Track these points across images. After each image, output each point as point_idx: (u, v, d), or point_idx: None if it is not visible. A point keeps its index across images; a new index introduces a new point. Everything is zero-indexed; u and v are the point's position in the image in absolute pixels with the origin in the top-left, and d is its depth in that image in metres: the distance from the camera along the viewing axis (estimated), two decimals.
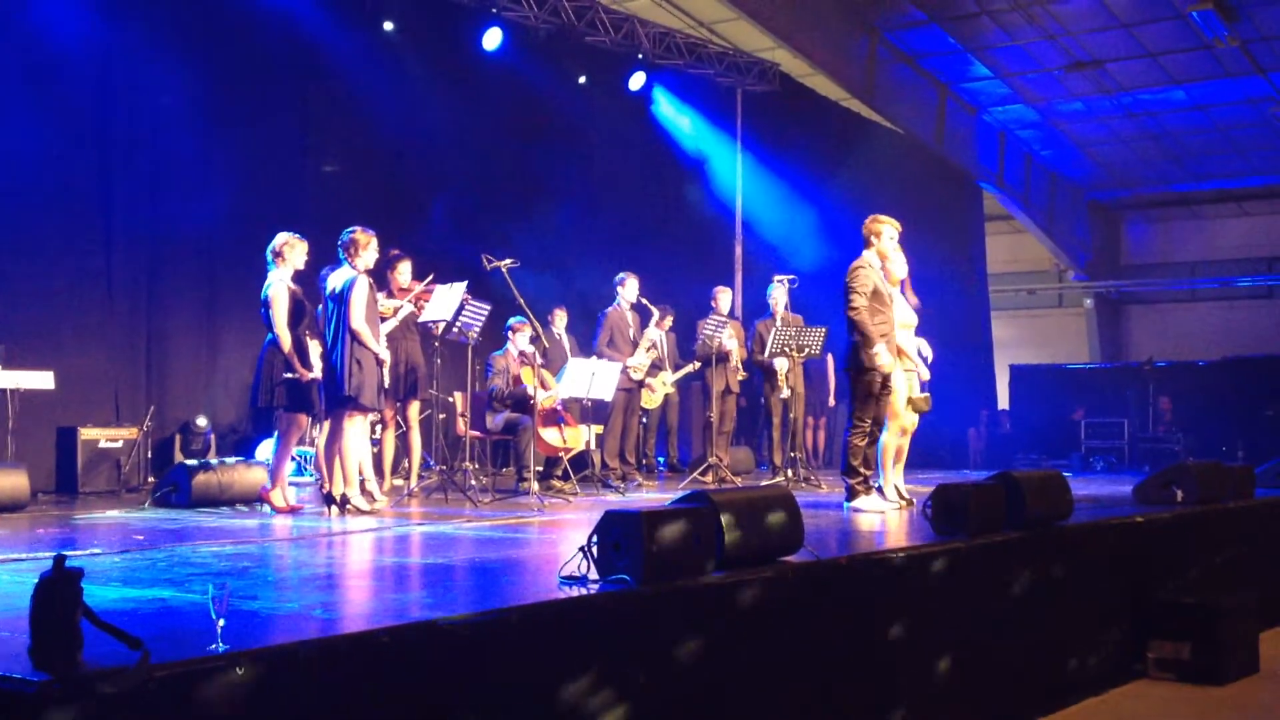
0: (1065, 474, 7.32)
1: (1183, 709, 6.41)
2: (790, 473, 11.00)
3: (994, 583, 6.06)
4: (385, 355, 8.28)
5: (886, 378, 8.25)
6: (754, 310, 15.57)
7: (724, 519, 4.69)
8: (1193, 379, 20.02)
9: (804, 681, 4.75)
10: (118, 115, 10.38)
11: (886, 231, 8.39)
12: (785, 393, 11.05)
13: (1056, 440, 19.24)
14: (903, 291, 8.73)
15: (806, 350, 10.92)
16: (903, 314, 8.56)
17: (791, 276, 11.80)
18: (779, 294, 11.57)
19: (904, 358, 8.57)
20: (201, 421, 10.68)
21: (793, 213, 16.99)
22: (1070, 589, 6.64)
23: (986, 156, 21.74)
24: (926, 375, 8.78)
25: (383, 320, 9.16)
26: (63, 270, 10.00)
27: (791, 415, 11.10)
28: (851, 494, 8.25)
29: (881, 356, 8.08)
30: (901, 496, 8.57)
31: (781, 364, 11.09)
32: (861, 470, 8.24)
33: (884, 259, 8.41)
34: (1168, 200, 25.27)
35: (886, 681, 5.22)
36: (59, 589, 2.83)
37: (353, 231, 8.17)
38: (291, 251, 8.02)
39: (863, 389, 8.22)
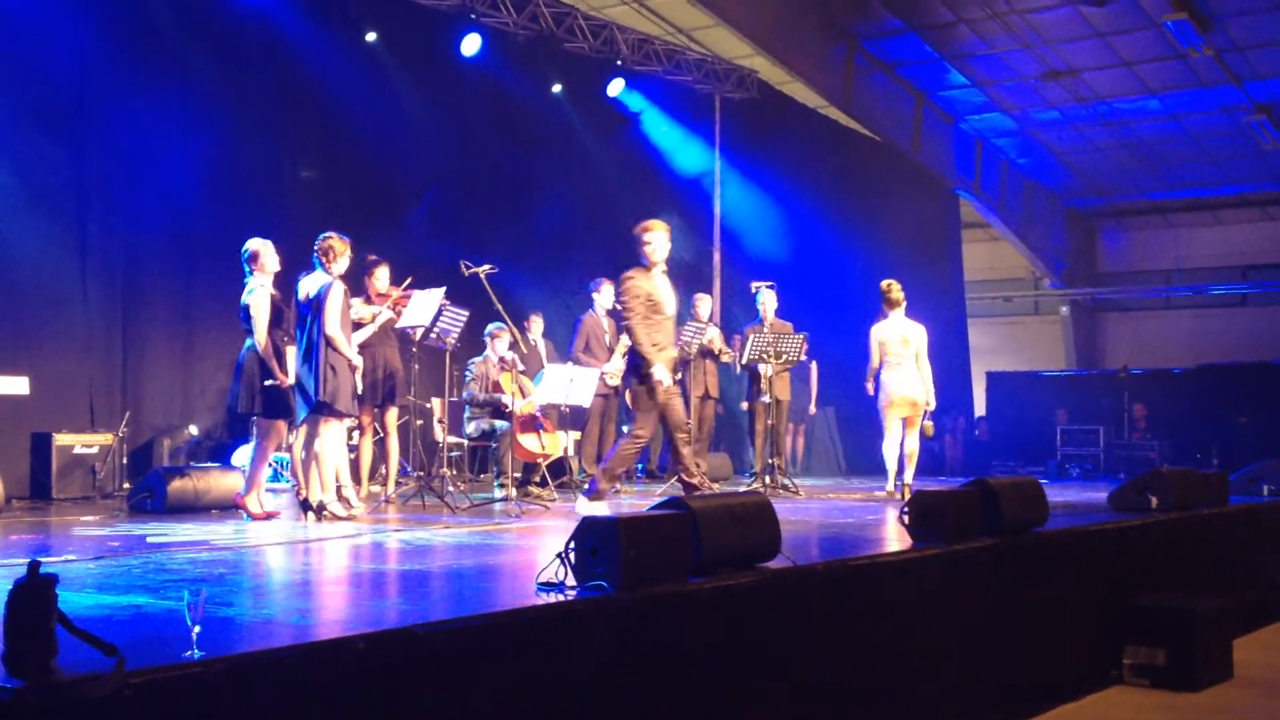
0: (1041, 481, 7.36)
1: (1157, 715, 6.43)
2: (769, 479, 11.00)
3: (970, 589, 6.08)
4: (358, 361, 8.26)
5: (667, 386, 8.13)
6: (731, 316, 15.60)
7: (701, 525, 4.70)
8: (1168, 386, 20.16)
9: (781, 687, 4.76)
10: (95, 120, 10.32)
11: (655, 237, 8.21)
12: (766, 398, 11.05)
13: (1033, 447, 19.34)
14: None
15: (785, 357, 10.93)
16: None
17: (770, 283, 11.81)
18: (768, 300, 11.55)
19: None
20: (193, 429, 10.66)
21: (771, 219, 17.04)
22: (1046, 595, 6.67)
23: (963, 164, 21.84)
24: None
25: (360, 326, 9.15)
26: (38, 274, 9.94)
27: (771, 422, 11.10)
28: (597, 495, 8.10)
29: (660, 373, 7.96)
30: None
31: (765, 369, 11.07)
32: (621, 479, 8.16)
33: (653, 264, 8.23)
34: (1143, 209, 25.44)
35: (862, 687, 5.23)
36: (33, 595, 2.81)
37: (328, 237, 8.15)
38: (266, 256, 8.01)
39: (645, 400, 8.08)
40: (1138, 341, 25.41)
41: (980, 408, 22.25)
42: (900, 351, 10.26)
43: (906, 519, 6.26)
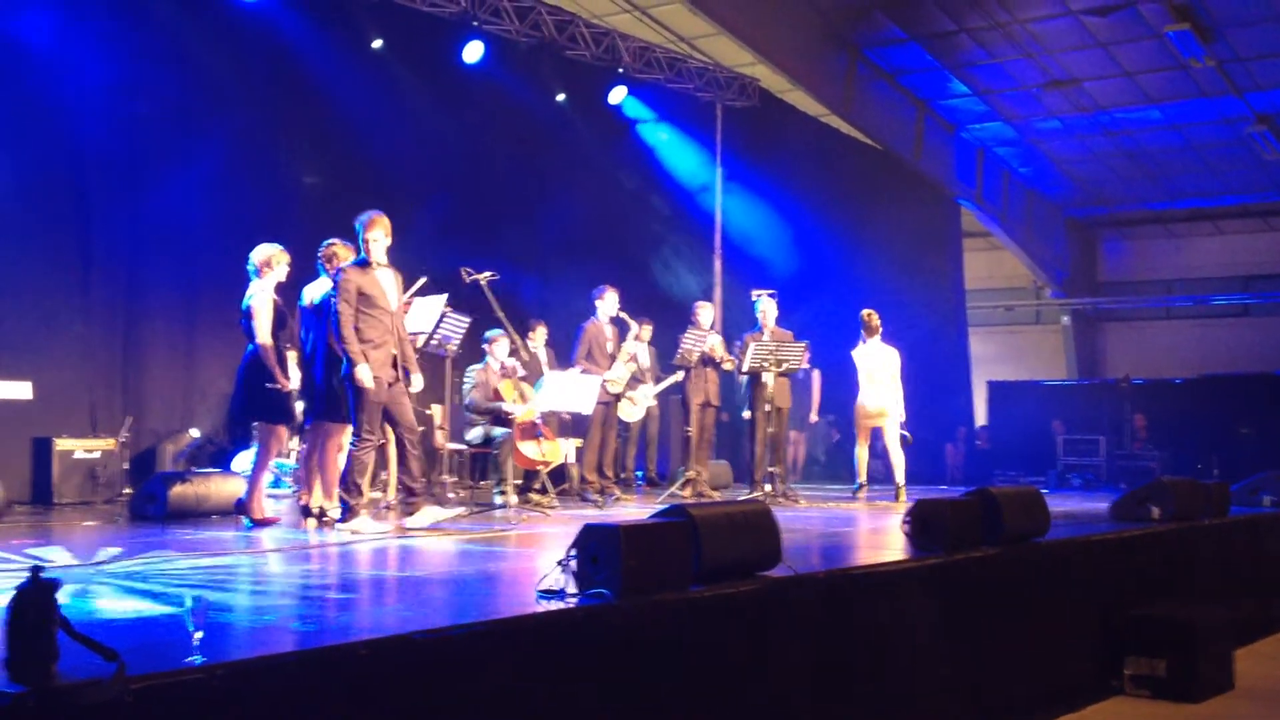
0: (1042, 490, 7.36)
1: None
2: (769, 487, 10.98)
3: (971, 598, 6.07)
4: None
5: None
6: (732, 324, 15.60)
7: (702, 533, 4.69)
8: (1169, 396, 20.15)
9: (781, 696, 4.75)
10: (97, 127, 10.32)
11: (377, 235, 7.91)
12: (766, 406, 11.02)
13: (1034, 456, 19.33)
14: None
15: (785, 365, 10.92)
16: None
17: (770, 291, 11.80)
18: (768, 308, 11.53)
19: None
20: (195, 434, 10.66)
21: (772, 227, 17.05)
22: (1046, 605, 6.66)
23: (964, 173, 21.84)
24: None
25: None
26: (40, 280, 9.95)
27: (772, 430, 11.09)
28: (350, 513, 7.64)
29: (361, 373, 7.53)
30: None
31: (766, 378, 11.03)
32: (365, 489, 7.82)
33: (372, 259, 7.88)
34: (1144, 218, 25.45)
35: (862, 695, 5.23)
36: (35, 600, 2.81)
37: (332, 243, 8.15)
38: (277, 264, 8.01)
39: (362, 401, 7.65)
40: (1139, 351, 25.38)
41: (981, 417, 22.23)
42: (877, 373, 11.64)
43: (907, 528, 6.26)
